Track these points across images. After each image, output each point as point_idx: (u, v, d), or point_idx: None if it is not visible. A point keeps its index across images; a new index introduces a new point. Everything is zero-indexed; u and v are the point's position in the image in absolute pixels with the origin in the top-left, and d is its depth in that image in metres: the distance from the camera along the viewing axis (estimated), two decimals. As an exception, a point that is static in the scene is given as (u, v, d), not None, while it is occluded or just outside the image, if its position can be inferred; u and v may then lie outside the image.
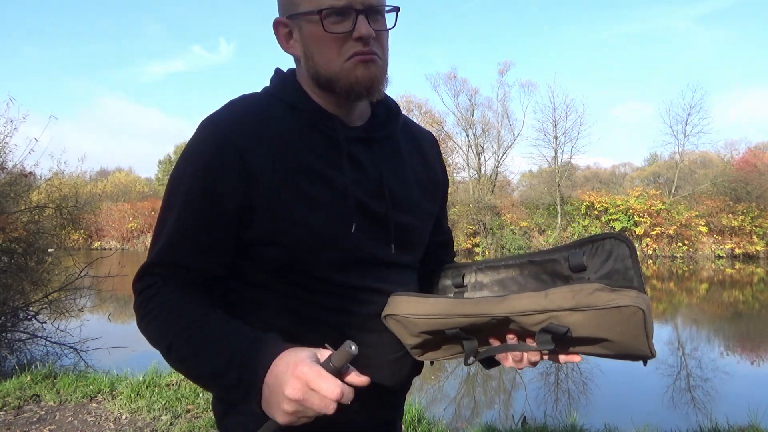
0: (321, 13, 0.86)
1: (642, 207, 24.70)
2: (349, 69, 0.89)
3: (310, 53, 0.91)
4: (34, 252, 6.93)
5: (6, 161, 6.95)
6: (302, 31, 0.91)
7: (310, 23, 0.89)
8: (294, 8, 0.91)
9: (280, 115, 0.93)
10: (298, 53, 0.94)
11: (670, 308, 12.31)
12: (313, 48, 0.91)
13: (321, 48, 0.89)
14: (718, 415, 4.16)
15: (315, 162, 0.91)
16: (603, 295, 0.79)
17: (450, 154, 34.11)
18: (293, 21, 0.92)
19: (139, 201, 34.61)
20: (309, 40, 0.90)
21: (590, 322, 0.79)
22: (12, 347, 6.33)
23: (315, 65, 0.91)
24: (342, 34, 0.87)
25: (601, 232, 0.97)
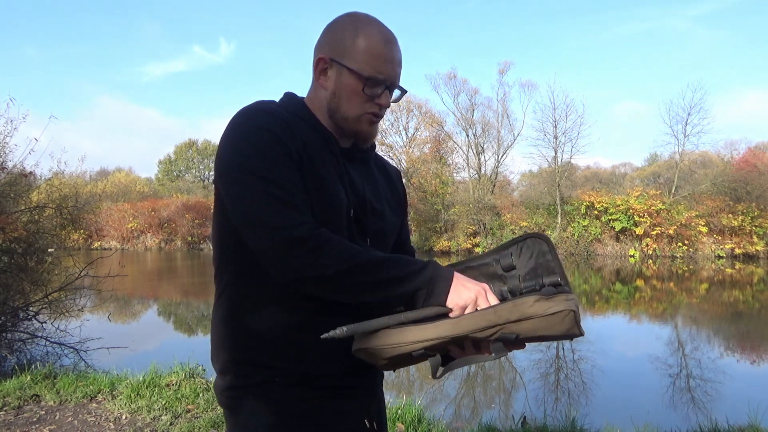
0: (366, 79, 1.11)
1: (642, 207, 24.68)
2: (362, 121, 1.15)
3: (339, 95, 1.14)
4: (34, 252, 6.93)
5: (6, 161, 6.95)
6: (341, 77, 1.13)
7: (352, 78, 1.11)
8: (343, 58, 1.12)
9: (298, 124, 1.12)
10: (326, 88, 1.15)
11: (670, 308, 12.31)
12: (344, 94, 1.13)
13: (351, 98, 1.13)
14: (718, 415, 4.16)
15: (324, 162, 1.12)
16: (541, 304, 0.98)
17: (450, 154, 34.12)
18: (337, 65, 1.13)
19: (139, 201, 34.62)
20: (344, 88, 1.13)
21: (534, 326, 0.98)
22: (12, 347, 6.32)
23: (338, 105, 1.14)
24: (370, 98, 1.13)
25: (523, 234, 1.16)
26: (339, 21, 1.16)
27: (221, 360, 1.13)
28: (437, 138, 33.91)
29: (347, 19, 1.15)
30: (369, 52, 1.10)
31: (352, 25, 1.13)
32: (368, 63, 1.10)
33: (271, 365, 1.08)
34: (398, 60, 1.15)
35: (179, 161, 53.60)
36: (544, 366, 7.02)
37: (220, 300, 1.14)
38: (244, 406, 1.09)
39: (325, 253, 0.98)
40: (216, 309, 1.15)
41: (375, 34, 1.12)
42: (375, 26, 1.14)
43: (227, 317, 1.12)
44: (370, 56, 1.10)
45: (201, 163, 54.01)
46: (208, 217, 31.27)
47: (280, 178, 1.01)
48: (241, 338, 1.10)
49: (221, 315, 1.13)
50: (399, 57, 1.16)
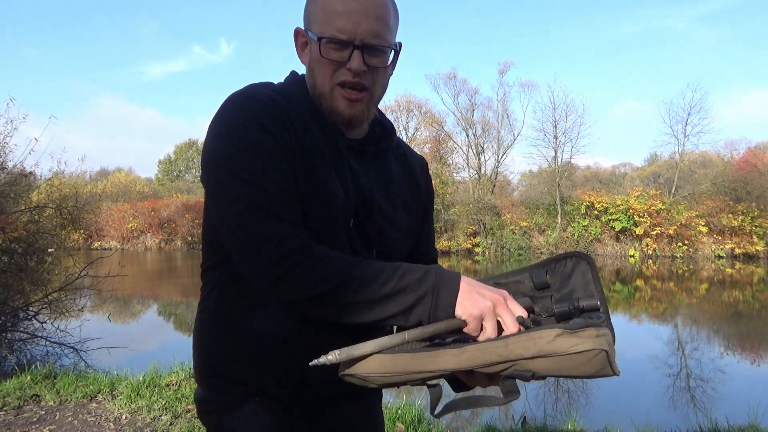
0: (321, 40, 0.95)
1: (642, 207, 24.68)
2: (336, 96, 0.99)
3: (312, 68, 1.01)
4: (34, 252, 6.93)
5: (6, 161, 6.95)
6: (310, 46, 1.00)
7: (315, 43, 0.97)
8: (308, 25, 1.00)
9: (296, 110, 0.99)
10: (306, 64, 1.04)
11: (670, 308, 12.31)
12: (313, 64, 1.00)
13: (318, 67, 0.98)
14: (718, 415, 4.16)
15: (322, 159, 0.98)
16: (564, 341, 0.79)
17: (450, 154, 34.14)
18: (307, 35, 1.00)
19: (139, 201, 34.62)
20: (312, 58, 0.99)
21: (554, 366, 0.81)
22: (12, 347, 6.32)
23: (313, 79, 1.01)
24: (335, 62, 0.96)
25: (564, 252, 0.99)
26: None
27: (199, 368, 1.05)
28: (437, 138, 33.93)
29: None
30: (325, 9, 0.95)
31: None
32: (326, 22, 0.95)
33: (253, 382, 0.98)
34: (369, 11, 0.94)
35: (179, 161, 53.60)
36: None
37: (204, 303, 1.04)
38: (222, 425, 1.00)
39: (310, 271, 0.87)
40: (199, 313, 1.06)
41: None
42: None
43: (210, 323, 1.02)
44: (327, 13, 0.95)
45: (201, 163, 54.06)
46: (208, 217, 31.27)
47: (268, 183, 0.89)
48: (223, 347, 1.00)
49: (204, 320, 1.04)
50: (371, 8, 0.95)
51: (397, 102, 35.12)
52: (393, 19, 1.00)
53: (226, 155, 0.91)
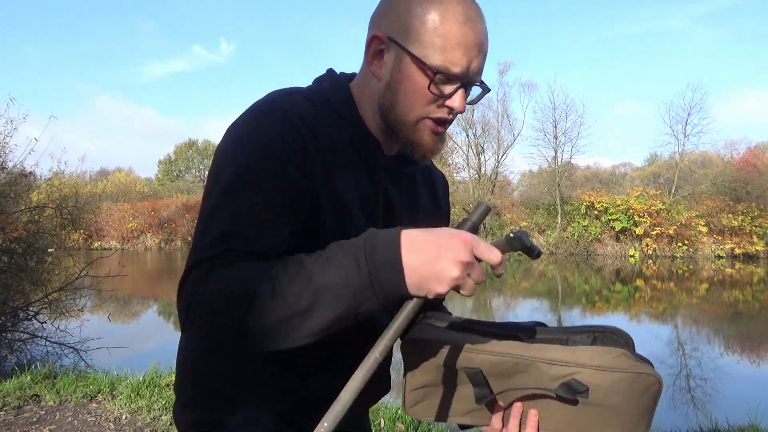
0: (436, 75, 0.82)
1: (642, 207, 24.67)
2: (421, 129, 0.87)
3: (396, 90, 0.85)
4: (34, 252, 6.93)
5: (6, 161, 6.96)
6: (402, 65, 0.84)
7: (416, 68, 0.83)
8: (406, 39, 0.83)
9: (328, 122, 0.88)
10: (379, 77, 0.88)
11: (670, 308, 12.30)
12: (403, 87, 0.85)
13: (411, 94, 0.84)
14: (718, 415, 4.16)
15: (351, 182, 0.90)
16: (627, 360, 0.80)
17: (450, 154, 34.10)
18: (397, 48, 0.84)
19: (139, 201, 34.60)
20: (404, 81, 0.84)
21: (611, 385, 0.78)
22: (12, 347, 6.32)
23: (394, 103, 0.86)
24: (437, 97, 0.84)
25: (602, 325, 0.93)
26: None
27: (189, 389, 0.97)
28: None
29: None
30: (443, 34, 0.80)
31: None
32: (440, 49, 0.81)
33: (249, 414, 0.91)
34: (483, 46, 0.83)
35: (179, 161, 53.59)
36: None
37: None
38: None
39: (226, 284, 0.72)
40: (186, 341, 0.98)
41: (453, 9, 0.81)
42: (456, 1, 0.82)
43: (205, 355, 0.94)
44: (445, 40, 0.80)
45: (201, 163, 53.99)
46: (208, 217, 31.26)
47: (249, 224, 0.78)
48: (220, 367, 0.93)
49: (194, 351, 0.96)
50: (484, 41, 0.83)
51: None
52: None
53: (225, 182, 0.81)
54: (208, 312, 0.72)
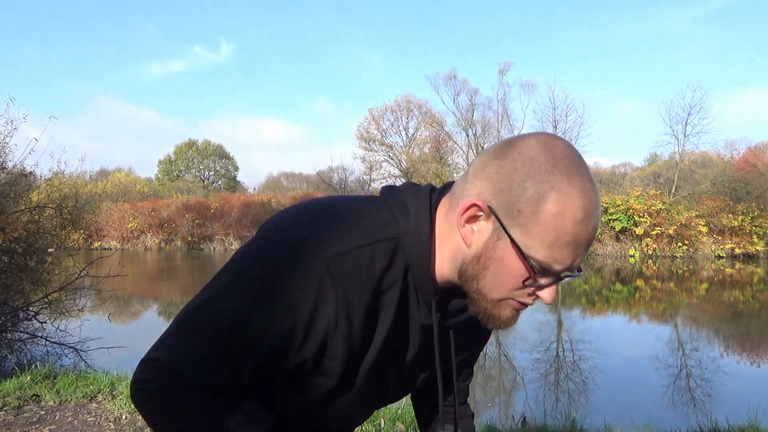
0: (534, 275, 0.75)
1: (642, 207, 24.67)
2: (503, 306, 0.80)
3: (486, 265, 0.77)
4: (34, 252, 6.93)
5: (6, 161, 6.95)
6: (498, 244, 0.76)
7: (515, 257, 0.75)
8: (511, 222, 0.74)
9: (392, 280, 0.81)
10: (468, 243, 0.79)
11: (670, 308, 12.31)
12: (494, 268, 0.77)
13: (502, 277, 0.77)
14: (718, 415, 4.16)
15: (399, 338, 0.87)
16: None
17: (450, 154, 34.18)
18: (498, 226, 0.75)
19: (139, 201, 34.61)
20: (498, 261, 0.77)
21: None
22: (12, 347, 6.32)
23: (479, 275, 0.79)
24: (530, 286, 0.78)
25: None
26: (524, 153, 0.74)
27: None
28: (437, 138, 33.94)
29: (540, 159, 0.73)
30: (556, 230, 0.72)
31: (544, 174, 0.72)
32: (548, 245, 0.73)
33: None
34: (588, 241, 0.74)
35: (179, 161, 53.59)
36: (544, 366, 7.02)
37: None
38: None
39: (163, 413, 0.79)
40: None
41: (573, 203, 0.71)
42: (577, 186, 0.72)
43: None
44: (555, 237, 0.72)
45: (201, 163, 54.03)
46: (208, 217, 31.26)
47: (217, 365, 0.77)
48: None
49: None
50: (592, 238, 0.75)
51: (397, 102, 35.19)
52: None
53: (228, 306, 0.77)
54: (141, 409, 0.80)
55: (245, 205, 31.94)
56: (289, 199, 33.63)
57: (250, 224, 30.78)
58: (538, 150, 0.74)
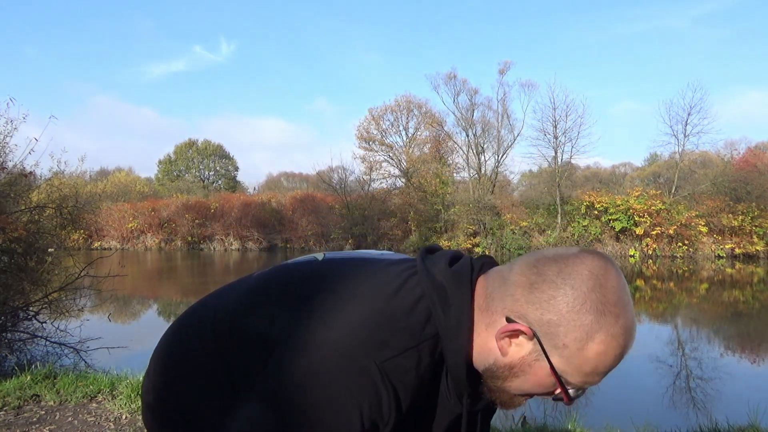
0: (567, 394, 0.82)
1: (642, 207, 24.67)
2: (521, 399, 0.88)
3: (518, 374, 0.82)
4: (34, 252, 6.92)
5: (6, 161, 6.95)
6: (535, 365, 0.81)
7: (550, 378, 0.80)
8: (553, 351, 0.79)
9: (431, 373, 0.85)
10: (504, 353, 0.82)
11: (670, 308, 12.31)
12: (525, 378, 0.82)
13: (530, 385, 0.83)
14: (718, 415, 4.16)
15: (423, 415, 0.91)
16: None
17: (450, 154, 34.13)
18: (539, 351, 0.79)
19: (139, 201, 34.62)
20: (531, 376, 0.82)
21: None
22: (12, 347, 6.32)
23: (507, 380, 0.83)
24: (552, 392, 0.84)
25: None
26: (577, 289, 0.77)
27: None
28: (437, 138, 33.92)
29: (593, 297, 0.77)
30: (596, 365, 0.78)
31: (595, 313, 0.76)
32: (585, 375, 0.79)
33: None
34: (612, 367, 0.82)
35: (179, 161, 53.57)
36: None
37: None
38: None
39: None
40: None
41: (617, 342, 0.77)
42: (622, 326, 0.77)
43: None
44: (594, 369, 0.78)
45: (201, 163, 54.00)
46: (208, 217, 31.27)
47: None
48: None
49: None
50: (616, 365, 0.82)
51: (397, 102, 35.15)
52: None
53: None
54: None
55: (245, 205, 31.94)
56: (289, 199, 33.64)
57: (250, 224, 30.79)
58: (591, 285, 0.77)
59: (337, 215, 30.57)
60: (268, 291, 0.93)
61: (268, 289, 0.93)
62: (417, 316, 0.82)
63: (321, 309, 0.83)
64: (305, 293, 0.88)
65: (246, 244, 30.67)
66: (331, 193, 32.70)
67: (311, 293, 0.87)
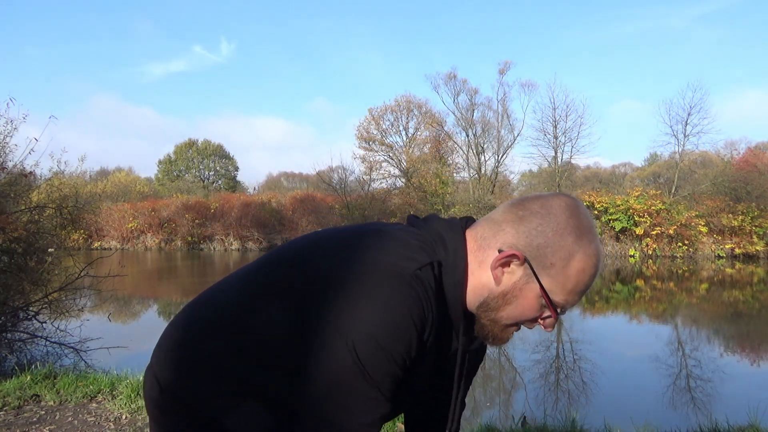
0: (555, 309, 0.93)
1: (642, 207, 24.67)
2: (509, 330, 0.98)
3: (510, 301, 0.94)
4: (34, 252, 6.92)
5: (6, 161, 6.95)
6: (526, 287, 0.93)
7: (538, 297, 0.93)
8: (542, 271, 0.92)
9: (438, 314, 0.93)
10: (498, 281, 0.94)
11: (670, 308, 12.31)
12: (517, 302, 0.94)
13: (521, 310, 0.94)
14: (718, 415, 4.16)
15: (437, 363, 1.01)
16: None
17: (450, 154, 34.14)
18: (529, 272, 0.92)
19: (139, 201, 34.60)
20: (522, 298, 0.94)
21: None
22: (12, 347, 6.32)
23: (499, 308, 0.95)
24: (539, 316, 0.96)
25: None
26: (558, 217, 0.92)
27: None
28: (437, 138, 33.92)
29: (571, 223, 0.92)
30: (577, 281, 0.92)
31: (574, 236, 0.91)
32: (567, 292, 0.92)
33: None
34: (589, 287, 0.96)
35: (179, 161, 53.56)
36: (544, 366, 7.02)
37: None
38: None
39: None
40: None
41: (591, 261, 0.92)
42: (594, 248, 0.93)
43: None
44: (575, 286, 0.92)
45: (201, 163, 53.99)
46: (208, 217, 31.25)
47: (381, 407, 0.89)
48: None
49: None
50: (593, 284, 0.97)
51: (397, 102, 35.16)
52: None
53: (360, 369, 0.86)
54: None
55: (245, 205, 31.93)
56: (289, 199, 33.62)
57: (250, 224, 30.78)
58: (568, 215, 0.92)
59: (337, 215, 30.56)
60: (281, 260, 1.01)
61: (281, 257, 1.02)
62: (424, 243, 0.94)
63: (350, 251, 0.94)
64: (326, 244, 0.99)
65: (246, 244, 30.66)
66: (331, 193, 32.69)
67: (316, 241, 1.00)
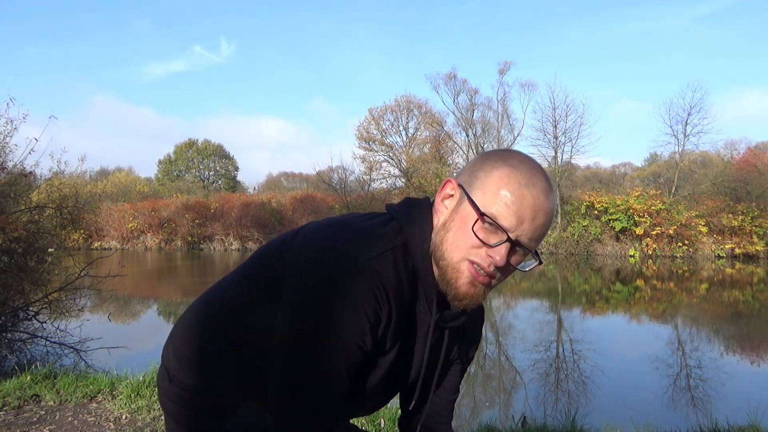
0: (483, 216, 0.90)
1: (642, 207, 24.66)
2: (461, 269, 0.93)
3: (449, 226, 0.95)
4: (34, 252, 6.92)
5: (6, 161, 6.94)
6: (460, 207, 0.94)
7: (470, 210, 0.92)
8: (469, 188, 0.94)
9: (407, 282, 0.95)
10: (440, 213, 0.98)
11: (670, 308, 12.31)
12: (454, 224, 0.94)
13: (459, 232, 0.93)
14: (718, 415, 4.16)
15: (406, 333, 1.01)
16: None
17: (450, 154, 34.13)
18: (462, 193, 0.95)
19: (139, 201, 34.59)
20: (458, 219, 0.94)
21: None
22: (12, 347, 6.32)
23: (443, 238, 0.95)
24: (480, 240, 0.91)
25: None
26: (490, 153, 0.99)
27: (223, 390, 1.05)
28: (437, 138, 33.92)
29: (500, 153, 0.97)
30: (502, 188, 0.91)
31: (501, 158, 0.95)
32: (497, 202, 0.90)
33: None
34: (539, 214, 0.91)
35: (179, 161, 53.54)
36: (544, 366, 7.02)
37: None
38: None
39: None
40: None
41: (519, 172, 0.91)
42: (526, 167, 0.93)
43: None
44: (498, 196, 0.90)
45: (201, 163, 53.96)
46: (208, 217, 31.24)
47: (337, 375, 0.90)
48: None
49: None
50: (541, 212, 0.91)
51: (397, 102, 35.15)
52: (548, 229, 0.97)
53: (315, 331, 0.89)
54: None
55: (245, 205, 31.91)
56: (289, 198, 33.62)
57: (250, 224, 30.77)
58: (500, 151, 0.98)
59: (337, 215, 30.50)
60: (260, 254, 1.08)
61: (260, 254, 1.08)
62: (388, 229, 0.96)
63: (310, 233, 0.98)
64: (289, 236, 1.04)
65: (246, 244, 30.65)
66: (331, 193, 32.68)
67: (298, 231, 1.03)
